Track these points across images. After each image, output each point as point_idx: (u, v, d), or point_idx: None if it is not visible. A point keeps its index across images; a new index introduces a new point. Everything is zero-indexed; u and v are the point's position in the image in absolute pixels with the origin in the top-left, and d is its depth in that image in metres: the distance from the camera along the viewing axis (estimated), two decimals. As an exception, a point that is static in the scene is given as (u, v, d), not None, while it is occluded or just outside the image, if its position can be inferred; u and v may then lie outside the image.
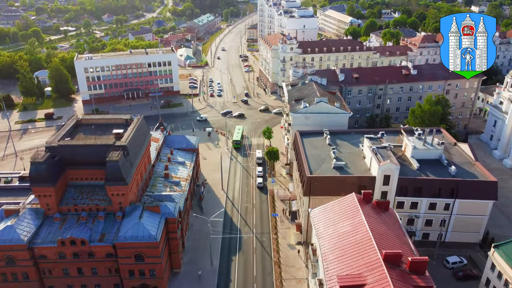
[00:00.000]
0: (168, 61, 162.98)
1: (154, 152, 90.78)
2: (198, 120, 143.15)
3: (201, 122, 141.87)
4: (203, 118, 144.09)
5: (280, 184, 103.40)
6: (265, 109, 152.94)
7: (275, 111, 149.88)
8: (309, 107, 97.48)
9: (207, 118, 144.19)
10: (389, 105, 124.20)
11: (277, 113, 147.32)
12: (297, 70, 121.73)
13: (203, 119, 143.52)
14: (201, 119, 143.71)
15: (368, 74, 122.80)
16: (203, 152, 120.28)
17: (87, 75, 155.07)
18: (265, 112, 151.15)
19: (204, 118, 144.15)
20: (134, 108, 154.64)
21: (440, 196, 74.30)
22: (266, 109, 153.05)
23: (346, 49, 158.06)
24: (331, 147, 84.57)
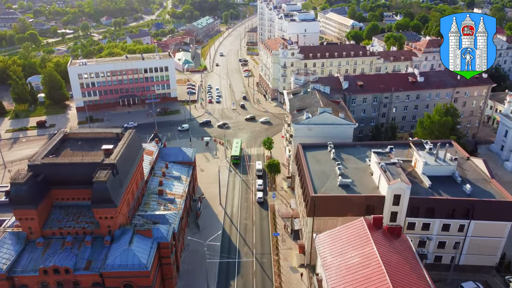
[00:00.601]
0: (165, 66, 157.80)
1: (148, 166, 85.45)
2: (179, 130, 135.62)
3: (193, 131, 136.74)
4: (184, 128, 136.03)
5: (281, 199, 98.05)
6: (251, 118, 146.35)
7: (261, 120, 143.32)
8: (312, 118, 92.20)
9: (188, 128, 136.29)
10: (395, 114, 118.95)
11: (264, 122, 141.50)
12: (299, 78, 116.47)
13: (185, 129, 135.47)
14: (182, 129, 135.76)
15: (373, 81, 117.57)
16: (201, 163, 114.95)
17: (81, 81, 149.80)
18: (251, 121, 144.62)
19: (185, 128, 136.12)
20: (130, 115, 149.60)
21: (454, 217, 68.96)
22: (252, 118, 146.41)
23: (349, 54, 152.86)
24: (336, 162, 79.27)
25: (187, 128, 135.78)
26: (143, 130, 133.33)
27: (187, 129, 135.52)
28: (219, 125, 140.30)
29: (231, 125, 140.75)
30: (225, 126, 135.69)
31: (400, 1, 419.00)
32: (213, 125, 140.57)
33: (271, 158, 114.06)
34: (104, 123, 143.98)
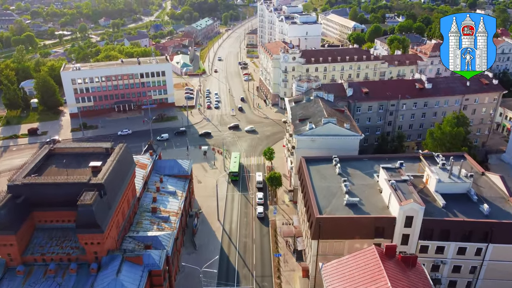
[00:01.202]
0: (162, 71, 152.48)
1: (141, 181, 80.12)
2: (158, 140, 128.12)
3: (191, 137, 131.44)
4: (164, 138, 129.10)
5: (283, 214, 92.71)
6: (234, 126, 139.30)
7: (247, 128, 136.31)
8: (315, 129, 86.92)
9: (168, 138, 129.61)
10: (402, 122, 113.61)
11: (250, 131, 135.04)
12: (301, 84, 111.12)
13: (164, 139, 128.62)
14: (161, 138, 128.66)
15: (378, 88, 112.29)
16: (198, 174, 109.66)
17: (75, 87, 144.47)
18: (235, 129, 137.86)
19: (164, 137, 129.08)
20: (126, 121, 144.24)
21: (471, 240, 63.59)
22: (235, 126, 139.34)
23: (352, 58, 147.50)
24: (342, 178, 73.93)
25: (167, 138, 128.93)
26: (138, 138, 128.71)
27: (166, 139, 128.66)
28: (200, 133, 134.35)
29: (230, 133, 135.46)
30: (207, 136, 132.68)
31: (401, 2, 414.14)
32: (212, 135, 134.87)
33: (272, 170, 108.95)
34: (98, 130, 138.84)
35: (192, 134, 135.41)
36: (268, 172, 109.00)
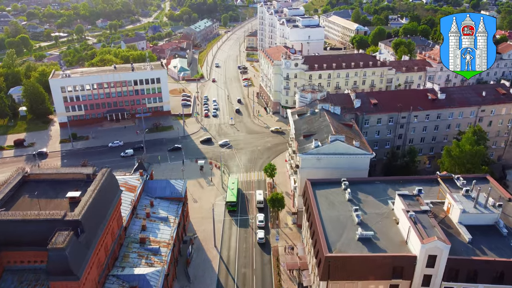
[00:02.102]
0: (157, 78, 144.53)
1: (129, 207, 72.25)
2: (122, 156, 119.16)
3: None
4: (128, 154, 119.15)
5: (286, 239, 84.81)
6: (206, 140, 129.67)
7: (220, 142, 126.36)
8: (321, 147, 79.01)
9: (132, 154, 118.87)
10: (413, 135, 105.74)
11: (223, 145, 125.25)
12: (305, 95, 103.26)
13: (128, 155, 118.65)
14: (125, 154, 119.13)
15: (388, 99, 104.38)
16: (194, 191, 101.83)
17: (65, 95, 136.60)
18: (206, 143, 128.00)
19: (129, 154, 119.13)
20: (119, 131, 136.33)
21: (503, 282, 55.71)
22: (208, 140, 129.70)
23: (357, 65, 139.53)
24: (353, 206, 66.09)
25: (132, 154, 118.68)
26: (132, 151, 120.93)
27: (131, 155, 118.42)
28: (170, 149, 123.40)
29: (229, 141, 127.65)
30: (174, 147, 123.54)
31: (403, 2, 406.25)
32: (213, 142, 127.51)
33: (274, 188, 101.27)
34: (89, 141, 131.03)
35: (188, 145, 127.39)
36: (270, 190, 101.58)
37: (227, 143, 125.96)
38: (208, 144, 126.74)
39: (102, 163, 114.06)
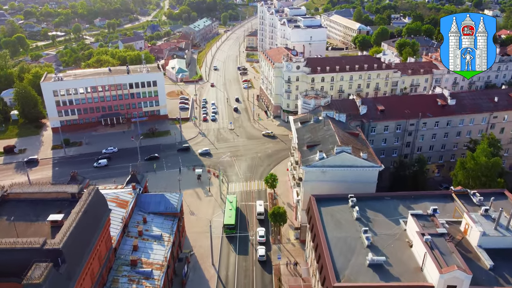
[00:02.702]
0: (153, 80, 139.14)
1: (119, 225, 67.04)
2: (95, 167, 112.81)
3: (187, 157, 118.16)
4: (101, 164, 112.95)
5: (288, 255, 79.64)
6: (184, 148, 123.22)
7: (200, 151, 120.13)
8: (327, 159, 73.77)
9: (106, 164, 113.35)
10: (421, 143, 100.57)
11: (204, 153, 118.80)
12: (308, 101, 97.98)
13: (102, 165, 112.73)
14: (99, 165, 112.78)
15: (395, 105, 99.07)
16: (191, 203, 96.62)
17: (57, 99, 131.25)
18: (183, 151, 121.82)
19: (102, 164, 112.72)
20: (114, 137, 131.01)
21: (529, 315, 50.59)
22: (186, 148, 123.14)
23: (362, 67, 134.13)
24: (362, 226, 60.88)
25: (106, 165, 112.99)
26: (126, 158, 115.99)
27: (105, 165, 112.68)
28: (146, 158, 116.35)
29: (227, 150, 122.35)
30: None
31: (405, 1, 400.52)
32: (212, 154, 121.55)
33: (275, 200, 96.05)
34: (82, 147, 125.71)
35: (185, 151, 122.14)
36: (271, 201, 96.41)
37: (207, 151, 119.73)
38: (209, 157, 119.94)
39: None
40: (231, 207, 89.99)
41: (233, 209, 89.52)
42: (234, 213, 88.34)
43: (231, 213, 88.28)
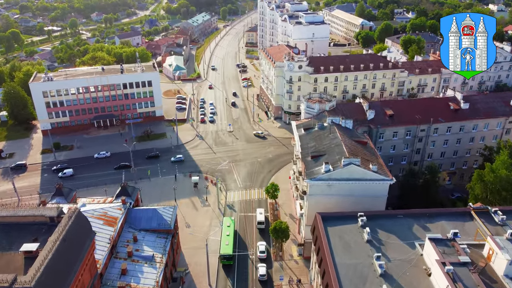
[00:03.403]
0: (149, 80, 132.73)
1: (107, 245, 61.15)
2: (61, 177, 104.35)
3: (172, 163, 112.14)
4: (67, 174, 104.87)
5: (291, 274, 73.84)
6: (153, 155, 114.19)
7: (173, 159, 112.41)
8: (333, 172, 67.76)
9: (72, 174, 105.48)
10: (432, 150, 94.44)
11: (176, 161, 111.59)
12: (312, 106, 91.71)
13: (67, 175, 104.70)
14: (64, 175, 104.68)
15: (405, 109, 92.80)
16: (187, 213, 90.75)
17: (47, 100, 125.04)
18: (151, 158, 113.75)
19: (68, 174, 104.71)
20: (107, 140, 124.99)
21: None
22: (155, 156, 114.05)
23: (367, 66, 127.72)
24: (374, 251, 54.96)
25: (71, 174, 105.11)
26: (119, 162, 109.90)
27: (70, 175, 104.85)
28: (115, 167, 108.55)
29: (225, 155, 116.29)
30: None
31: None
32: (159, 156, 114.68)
33: (276, 211, 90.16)
34: (73, 151, 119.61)
35: (182, 155, 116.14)
36: (272, 212, 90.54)
37: (180, 159, 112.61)
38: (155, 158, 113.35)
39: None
40: (228, 232, 79.34)
41: (230, 234, 78.85)
42: (232, 240, 77.62)
43: (228, 240, 77.48)
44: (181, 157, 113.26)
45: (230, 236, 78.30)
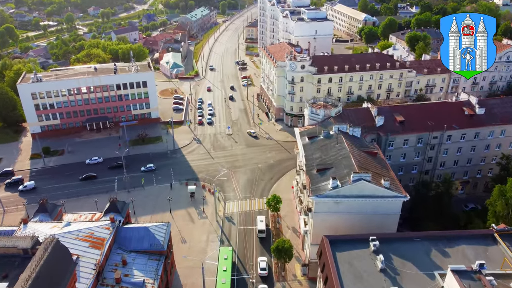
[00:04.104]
0: (143, 81, 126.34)
1: (92, 272, 55.26)
2: (21, 191, 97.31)
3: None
4: (28, 187, 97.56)
5: (295, 296, 68.19)
6: (116, 165, 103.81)
7: (143, 168, 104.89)
8: (341, 188, 61.76)
9: (34, 187, 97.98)
10: (445, 158, 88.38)
11: (146, 170, 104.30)
12: (316, 112, 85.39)
13: (28, 188, 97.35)
14: (25, 188, 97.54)
15: (416, 115, 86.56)
16: (182, 227, 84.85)
17: (36, 102, 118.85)
18: (115, 169, 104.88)
19: (29, 187, 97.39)
20: (100, 143, 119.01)
21: None
22: (118, 166, 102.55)
23: (373, 66, 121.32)
24: (390, 284, 49.04)
25: (32, 187, 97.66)
26: (112, 171, 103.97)
27: (32, 188, 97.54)
28: None
29: (224, 160, 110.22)
30: None
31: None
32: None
33: (278, 224, 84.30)
34: (64, 156, 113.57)
35: (178, 161, 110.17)
36: (273, 225, 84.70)
37: (151, 168, 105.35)
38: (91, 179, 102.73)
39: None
40: (225, 267, 69.94)
41: (228, 270, 69.53)
42: (229, 276, 68.08)
43: (225, 277, 67.73)
44: (151, 167, 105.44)
45: (227, 272, 69.14)
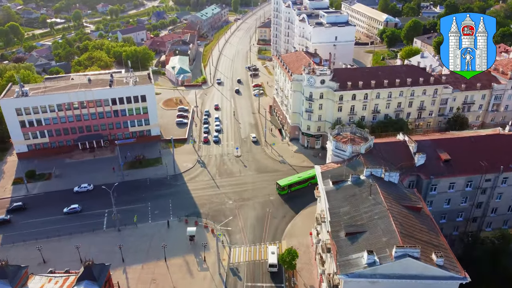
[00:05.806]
0: (142, 95, 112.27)
1: None
2: None
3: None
4: None
5: None
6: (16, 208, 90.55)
7: (66, 210, 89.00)
8: (380, 266, 46.93)
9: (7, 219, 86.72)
10: (498, 204, 72.74)
11: (69, 212, 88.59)
12: (343, 147, 70.04)
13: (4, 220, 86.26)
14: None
15: (464, 150, 70.88)
16: (178, 282, 70.76)
17: (21, 119, 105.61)
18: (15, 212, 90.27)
19: None
20: (92, 166, 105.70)
21: None
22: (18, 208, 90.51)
23: (404, 81, 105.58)
24: None
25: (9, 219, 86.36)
26: (102, 199, 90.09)
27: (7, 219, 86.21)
28: None
29: (230, 190, 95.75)
30: None
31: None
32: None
33: (294, 285, 69.63)
34: (51, 181, 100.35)
35: (178, 191, 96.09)
36: (288, 284, 70.10)
37: (75, 210, 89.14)
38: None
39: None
40: None
41: None
42: None
43: None
44: (76, 208, 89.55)
45: None
